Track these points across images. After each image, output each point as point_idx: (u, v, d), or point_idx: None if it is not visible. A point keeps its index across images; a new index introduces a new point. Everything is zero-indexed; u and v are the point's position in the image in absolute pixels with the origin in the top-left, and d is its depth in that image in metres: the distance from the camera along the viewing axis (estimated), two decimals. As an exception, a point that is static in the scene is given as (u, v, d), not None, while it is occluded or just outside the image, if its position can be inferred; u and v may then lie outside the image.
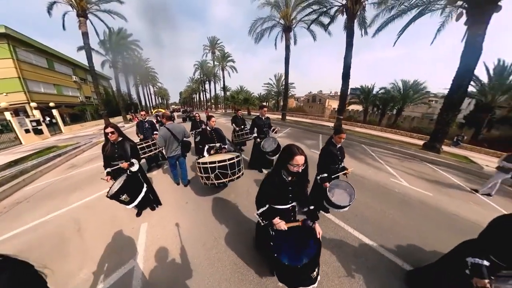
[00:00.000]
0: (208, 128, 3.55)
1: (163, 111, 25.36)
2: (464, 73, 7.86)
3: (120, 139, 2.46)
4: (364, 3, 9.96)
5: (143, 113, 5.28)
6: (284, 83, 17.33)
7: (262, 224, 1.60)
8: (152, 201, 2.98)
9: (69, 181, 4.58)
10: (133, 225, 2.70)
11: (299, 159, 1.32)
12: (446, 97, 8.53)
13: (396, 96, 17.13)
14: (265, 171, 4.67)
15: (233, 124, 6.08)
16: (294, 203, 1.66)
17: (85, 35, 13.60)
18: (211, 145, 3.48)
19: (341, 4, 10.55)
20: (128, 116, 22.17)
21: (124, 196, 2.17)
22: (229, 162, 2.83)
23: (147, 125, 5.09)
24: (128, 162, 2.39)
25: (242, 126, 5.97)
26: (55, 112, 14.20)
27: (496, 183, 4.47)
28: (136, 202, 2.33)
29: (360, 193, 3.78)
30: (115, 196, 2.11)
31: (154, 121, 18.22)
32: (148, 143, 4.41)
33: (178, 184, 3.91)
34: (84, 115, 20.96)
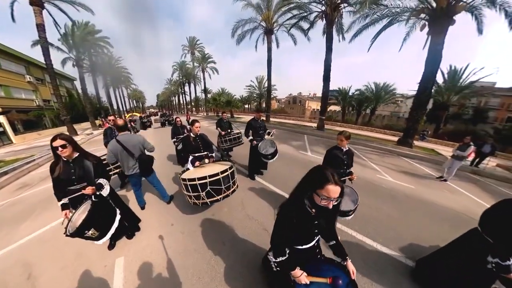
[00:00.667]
0: (191, 134, 3.07)
1: (138, 115, 23.35)
2: (429, 77, 8.73)
3: (76, 154, 1.86)
4: (341, 11, 10.46)
5: (111, 118, 4.43)
6: (266, 85, 17.35)
7: (275, 269, 1.32)
8: (128, 228, 2.46)
9: (18, 207, 3.71)
10: (105, 262, 2.17)
11: (333, 190, 0.94)
12: (414, 97, 9.36)
13: (370, 97, 18.49)
14: (259, 180, 4.40)
15: (218, 128, 5.62)
16: (318, 237, 1.28)
17: (40, 27, 11.67)
18: (196, 154, 3.05)
19: (320, 10, 10.93)
20: (98, 122, 19.98)
21: (91, 232, 1.68)
22: (222, 175, 2.45)
23: (116, 133, 4.25)
24: (93, 186, 1.84)
25: (229, 130, 5.58)
26: (1, 118, 12.02)
27: (451, 170, 5.19)
28: (108, 236, 1.83)
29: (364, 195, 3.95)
30: (78, 233, 1.62)
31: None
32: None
33: (143, 208, 3.23)
34: (41, 122, 18.24)
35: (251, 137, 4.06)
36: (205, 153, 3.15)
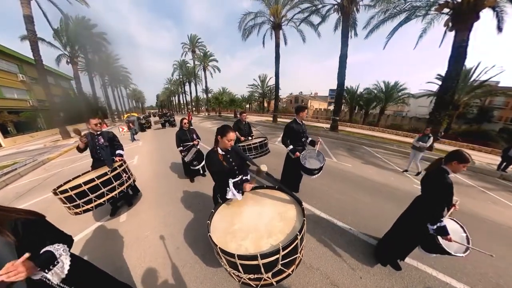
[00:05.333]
0: (219, 150, 1.80)
1: (136, 115, 22.42)
2: (453, 75, 8.30)
3: None
4: (359, 4, 9.97)
5: (94, 121, 2.89)
6: (269, 84, 16.80)
7: None
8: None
9: None
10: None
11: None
12: (437, 98, 8.95)
13: (379, 96, 18.12)
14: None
15: (236, 132, 4.68)
16: None
17: (28, 19, 10.57)
18: (236, 180, 1.83)
19: (336, 3, 10.43)
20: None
21: None
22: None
23: (102, 141, 2.99)
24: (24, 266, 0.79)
25: (250, 137, 4.74)
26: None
27: (416, 161, 5.35)
28: None
29: (395, 205, 3.45)
30: None
31: (122, 130, 14.82)
32: (105, 177, 2.52)
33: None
34: (35, 123, 17.32)
35: (291, 147, 3.17)
36: (243, 177, 1.96)
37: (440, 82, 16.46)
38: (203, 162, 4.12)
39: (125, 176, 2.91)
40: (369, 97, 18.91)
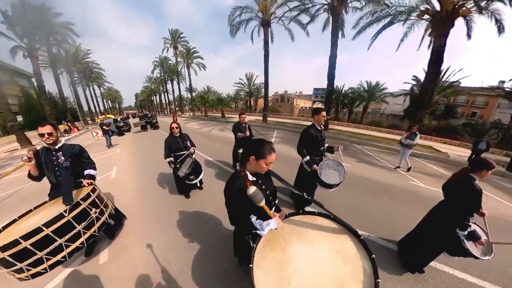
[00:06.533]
0: (249, 175, 1.26)
1: (113, 116, 20.34)
2: (432, 77, 9.05)
3: None
4: (348, 5, 10.28)
5: (42, 130, 1.94)
6: (264, 82, 16.73)
7: None
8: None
9: None
10: None
11: None
12: (418, 97, 9.69)
13: (363, 95, 19.18)
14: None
15: (235, 134, 4.11)
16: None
17: None
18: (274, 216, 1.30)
19: (326, 3, 10.61)
20: (63, 127, 16.19)
21: None
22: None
23: (62, 158, 2.07)
24: None
25: (249, 136, 4.21)
26: None
27: (405, 157, 5.68)
28: None
29: (399, 204, 3.69)
30: None
31: (97, 134, 11.47)
32: (60, 220, 1.69)
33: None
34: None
35: (307, 157, 2.67)
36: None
37: (415, 83, 18.23)
38: (201, 175, 3.53)
39: (95, 212, 1.99)
40: (353, 96, 19.93)
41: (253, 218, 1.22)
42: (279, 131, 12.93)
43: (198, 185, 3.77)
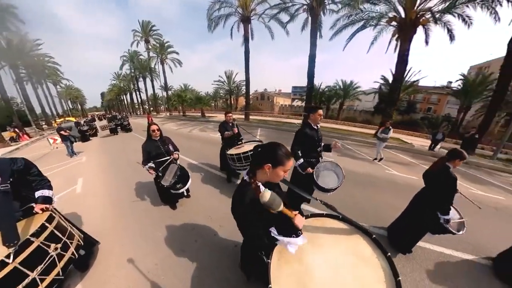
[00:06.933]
0: (261, 186, 1.07)
1: (75, 120, 17.39)
2: (399, 78, 10.12)
3: None
4: (326, 7, 10.81)
5: None
6: (245, 80, 16.56)
7: None
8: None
9: None
10: None
11: None
12: (387, 95, 10.76)
13: (339, 93, 20.54)
14: (305, 208, 3.12)
15: (222, 134, 3.79)
16: None
17: None
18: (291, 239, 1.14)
19: (305, 3, 10.97)
20: (7, 134, 13.12)
21: None
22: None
23: None
24: None
25: (239, 141, 3.92)
26: None
27: (379, 149, 6.33)
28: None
29: (381, 192, 4.08)
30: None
31: (54, 141, 9.79)
32: (15, 261, 1.26)
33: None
34: None
35: (301, 161, 2.43)
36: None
37: (383, 82, 20.25)
38: (189, 182, 3.03)
39: (55, 249, 1.51)
40: (330, 94, 21.20)
41: (274, 231, 1.07)
42: (262, 129, 13.07)
43: (185, 194, 3.34)
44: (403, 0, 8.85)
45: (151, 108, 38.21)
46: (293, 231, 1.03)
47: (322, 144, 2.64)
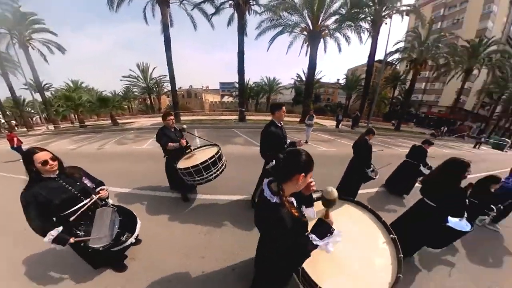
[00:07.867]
0: (287, 205, 0.95)
1: None
2: (311, 76, 12.54)
3: None
4: (251, 7, 11.16)
5: None
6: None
7: None
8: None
9: None
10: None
11: None
12: (304, 90, 13.08)
13: (265, 88, 22.57)
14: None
15: (165, 145, 2.85)
16: None
17: None
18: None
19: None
20: None
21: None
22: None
23: None
24: None
25: (188, 149, 3.15)
26: None
27: (308, 134, 7.94)
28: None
29: (323, 167, 4.71)
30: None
31: None
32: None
33: None
34: None
35: (274, 162, 2.12)
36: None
37: (298, 79, 24.55)
38: (138, 225, 1.88)
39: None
40: (258, 89, 22.93)
41: (314, 237, 0.90)
42: (199, 129, 11.96)
43: (134, 241, 1.92)
44: (311, 16, 11.01)
45: (13, 122, 24.32)
46: (325, 230, 0.93)
47: (288, 141, 2.62)
